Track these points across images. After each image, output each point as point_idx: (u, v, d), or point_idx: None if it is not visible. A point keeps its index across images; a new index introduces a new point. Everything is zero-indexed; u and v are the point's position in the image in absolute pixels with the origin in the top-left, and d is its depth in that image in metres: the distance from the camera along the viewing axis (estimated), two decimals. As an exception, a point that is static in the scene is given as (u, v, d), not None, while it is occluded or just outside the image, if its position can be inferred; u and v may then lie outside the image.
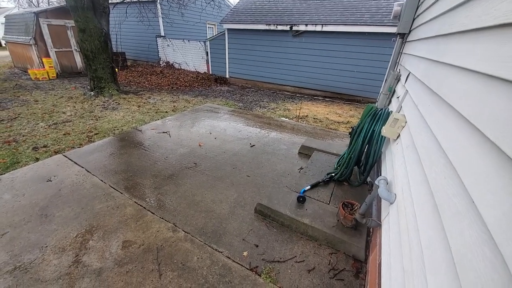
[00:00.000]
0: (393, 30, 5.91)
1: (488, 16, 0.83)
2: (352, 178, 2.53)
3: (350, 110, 6.41)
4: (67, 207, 2.19)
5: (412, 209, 1.07)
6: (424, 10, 2.17)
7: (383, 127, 1.89)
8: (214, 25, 13.54)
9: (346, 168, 2.42)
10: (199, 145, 3.46)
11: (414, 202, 1.08)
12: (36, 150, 3.25)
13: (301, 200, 2.17)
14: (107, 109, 5.23)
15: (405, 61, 2.57)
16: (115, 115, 4.88)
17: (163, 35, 10.77)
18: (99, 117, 4.69)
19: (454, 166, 0.81)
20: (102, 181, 2.57)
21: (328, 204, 2.19)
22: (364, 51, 6.60)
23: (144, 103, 5.87)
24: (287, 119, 5.07)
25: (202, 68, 10.02)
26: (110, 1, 6.92)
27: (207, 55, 9.63)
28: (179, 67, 10.59)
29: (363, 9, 6.76)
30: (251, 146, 3.51)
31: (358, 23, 6.36)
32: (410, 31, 2.70)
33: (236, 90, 8.24)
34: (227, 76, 9.34)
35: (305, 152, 3.32)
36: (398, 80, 2.60)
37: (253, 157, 3.20)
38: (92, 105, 5.45)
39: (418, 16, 2.48)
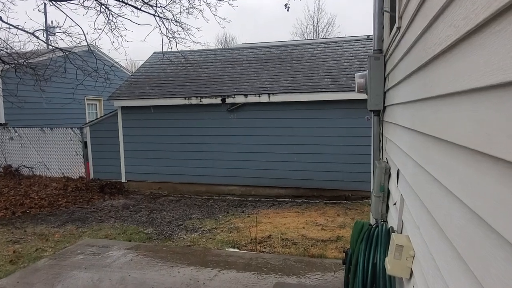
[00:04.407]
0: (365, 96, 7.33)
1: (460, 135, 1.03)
2: None
3: (338, 215, 6.81)
4: None
5: None
6: (393, 86, 2.77)
7: (387, 258, 1.95)
8: (99, 100, 14.43)
9: None
10: None
11: None
12: None
13: None
14: None
15: (389, 149, 3.02)
16: None
17: (4, 122, 10.79)
18: None
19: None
20: None
21: None
22: (336, 124, 7.78)
23: None
24: (236, 250, 5.03)
25: (76, 171, 9.99)
26: None
27: (85, 147, 9.76)
28: (31, 174, 10.33)
29: (320, 71, 8.46)
30: (174, 321, 3.12)
31: (318, 90, 7.76)
32: (385, 108, 3.34)
33: (141, 203, 8.19)
34: (124, 180, 9.40)
35: (278, 314, 3.10)
36: (389, 175, 2.96)
37: None
38: None
39: (388, 90, 3.14)
